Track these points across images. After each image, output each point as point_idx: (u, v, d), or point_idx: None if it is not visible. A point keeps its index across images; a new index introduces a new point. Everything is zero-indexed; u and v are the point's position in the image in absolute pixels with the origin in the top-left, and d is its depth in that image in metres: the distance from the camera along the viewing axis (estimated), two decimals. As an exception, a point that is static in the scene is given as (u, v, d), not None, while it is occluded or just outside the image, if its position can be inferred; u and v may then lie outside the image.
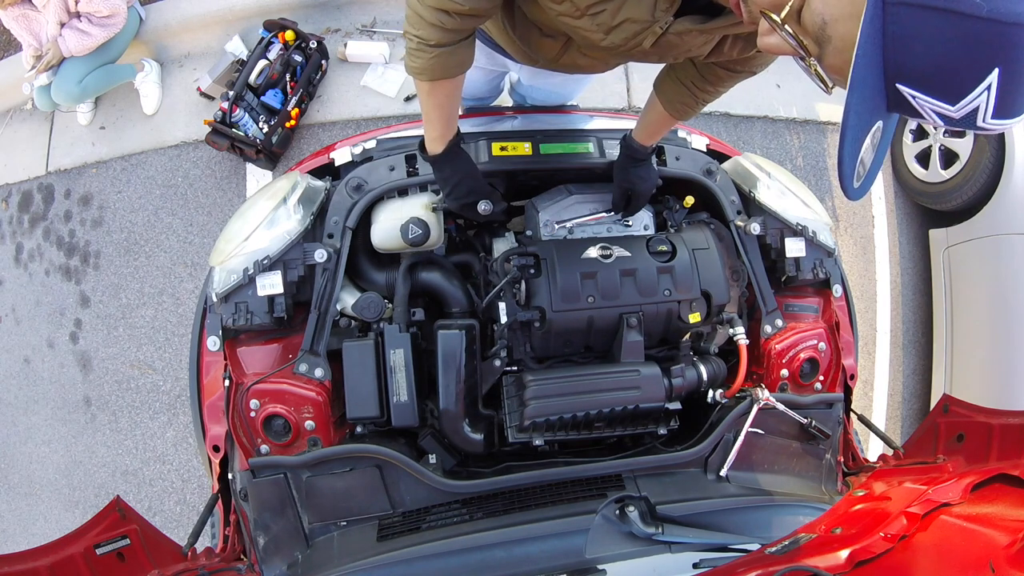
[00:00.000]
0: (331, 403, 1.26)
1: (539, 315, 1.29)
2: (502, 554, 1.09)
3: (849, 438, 1.43)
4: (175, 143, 2.80)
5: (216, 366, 1.29)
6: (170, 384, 2.75)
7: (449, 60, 0.90)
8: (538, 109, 1.65)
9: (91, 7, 2.39)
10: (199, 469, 2.71)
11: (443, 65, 0.91)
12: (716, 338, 1.38)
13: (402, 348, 1.25)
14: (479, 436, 1.32)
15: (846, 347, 1.47)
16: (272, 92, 2.55)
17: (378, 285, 1.37)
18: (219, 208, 2.74)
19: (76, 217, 2.87)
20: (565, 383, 1.25)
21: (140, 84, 2.77)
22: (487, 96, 1.78)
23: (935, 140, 3.01)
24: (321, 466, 1.21)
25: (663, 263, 1.32)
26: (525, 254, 1.30)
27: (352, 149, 1.39)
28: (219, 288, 1.25)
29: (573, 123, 1.50)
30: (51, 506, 2.92)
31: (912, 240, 3.28)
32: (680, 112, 1.16)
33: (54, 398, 2.89)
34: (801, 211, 1.48)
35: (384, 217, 1.32)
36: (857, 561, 0.86)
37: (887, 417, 3.16)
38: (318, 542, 1.22)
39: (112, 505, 1.10)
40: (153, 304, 2.76)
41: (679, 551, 1.08)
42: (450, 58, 0.90)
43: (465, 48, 0.91)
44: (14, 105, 3.06)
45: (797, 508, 1.22)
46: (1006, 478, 0.94)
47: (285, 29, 2.54)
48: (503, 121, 1.47)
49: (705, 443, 1.29)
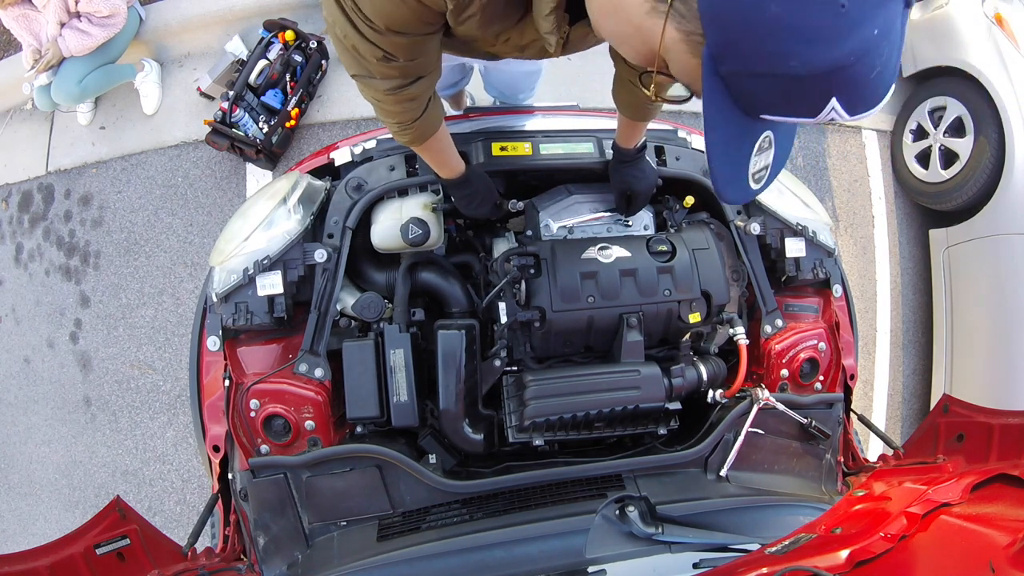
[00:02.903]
0: (331, 403, 1.26)
1: (539, 315, 1.28)
2: (502, 554, 1.09)
3: (849, 438, 1.43)
4: (175, 143, 2.80)
5: (216, 366, 1.29)
6: (170, 384, 2.75)
7: (425, 125, 1.01)
8: (539, 109, 1.65)
9: (91, 7, 2.39)
10: (199, 469, 2.71)
11: (422, 131, 1.02)
12: (716, 338, 1.38)
13: (402, 348, 1.25)
14: (479, 436, 1.32)
15: (846, 347, 1.47)
16: (272, 92, 2.55)
17: (378, 285, 1.37)
18: (219, 208, 2.74)
19: (76, 217, 2.87)
20: (565, 383, 1.25)
21: (140, 84, 2.77)
22: (459, 79, 1.91)
23: (935, 140, 3.01)
24: (321, 466, 1.21)
25: (663, 263, 1.32)
26: (525, 254, 1.30)
27: (352, 149, 1.39)
28: (219, 288, 1.25)
29: (573, 123, 1.50)
30: (51, 506, 2.92)
31: (912, 240, 3.28)
32: (635, 112, 1.17)
33: (54, 398, 2.89)
34: (801, 211, 1.47)
35: (384, 217, 1.32)
36: (857, 561, 0.86)
37: (887, 417, 3.16)
38: (318, 542, 1.22)
39: (112, 505, 1.10)
40: (153, 304, 2.76)
41: (679, 551, 1.08)
42: (425, 123, 1.00)
43: (433, 109, 1.00)
44: (14, 105, 3.06)
45: (797, 508, 1.22)
46: (1006, 478, 0.94)
47: (285, 29, 2.54)
48: (503, 121, 1.47)
49: (705, 443, 1.29)
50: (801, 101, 0.53)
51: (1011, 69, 2.70)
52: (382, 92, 0.89)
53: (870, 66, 0.50)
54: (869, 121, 3.29)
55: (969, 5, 2.86)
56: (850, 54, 0.49)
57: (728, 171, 0.62)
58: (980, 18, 2.81)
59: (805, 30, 0.49)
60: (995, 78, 2.72)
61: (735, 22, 0.51)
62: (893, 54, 0.51)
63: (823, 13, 0.48)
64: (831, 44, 0.49)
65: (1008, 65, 2.71)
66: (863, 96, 0.52)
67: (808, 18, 0.48)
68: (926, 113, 3.06)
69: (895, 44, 0.51)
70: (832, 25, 0.48)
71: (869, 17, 0.48)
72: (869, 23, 0.48)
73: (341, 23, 0.76)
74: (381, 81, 0.86)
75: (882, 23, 0.49)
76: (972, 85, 2.82)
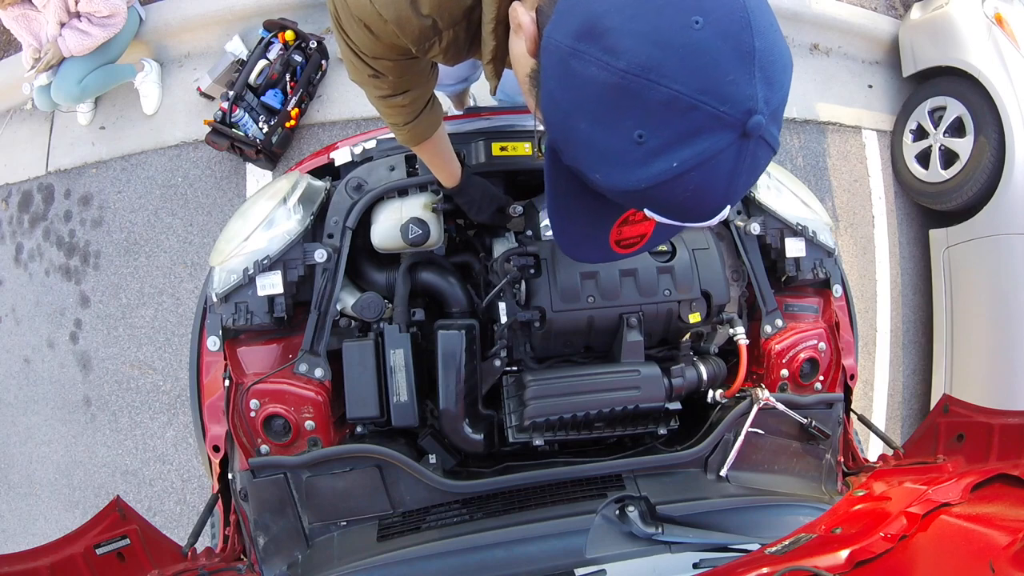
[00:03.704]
0: (331, 403, 1.26)
1: (539, 315, 1.28)
2: (502, 554, 1.09)
3: (849, 438, 1.43)
4: (175, 143, 2.79)
5: (216, 366, 1.29)
6: (170, 384, 2.75)
7: (420, 128, 1.03)
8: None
9: (91, 7, 2.38)
10: (199, 469, 2.71)
11: (417, 133, 1.04)
12: (716, 338, 1.38)
13: (402, 348, 1.25)
14: (479, 436, 1.32)
15: (846, 347, 1.47)
16: (272, 92, 2.55)
17: (378, 285, 1.37)
18: (219, 208, 2.74)
19: (76, 217, 2.87)
20: (565, 383, 1.25)
21: (140, 84, 2.76)
22: (470, 74, 1.91)
23: (935, 140, 3.01)
24: (321, 466, 1.21)
25: (663, 263, 1.32)
26: (525, 254, 1.30)
27: (352, 149, 1.39)
28: (219, 288, 1.25)
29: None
30: (51, 506, 2.92)
31: (912, 240, 3.28)
32: None
33: (54, 398, 2.89)
34: (801, 211, 1.47)
35: (384, 217, 1.32)
36: (857, 561, 0.86)
37: (887, 417, 3.16)
38: (318, 542, 1.22)
39: (112, 505, 1.10)
40: (153, 304, 2.76)
41: (679, 551, 1.08)
42: (419, 127, 1.03)
43: (429, 114, 1.02)
44: (14, 105, 3.06)
45: (797, 508, 1.22)
46: (1006, 478, 0.94)
47: (285, 29, 2.54)
48: (503, 121, 1.47)
49: (705, 443, 1.29)
50: (620, 201, 0.55)
51: (1011, 69, 2.70)
52: (375, 98, 0.95)
53: (673, 194, 0.50)
54: (869, 121, 3.29)
55: (969, 5, 2.86)
56: (644, 182, 0.49)
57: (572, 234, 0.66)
58: (980, 18, 2.81)
59: (605, 152, 0.50)
60: (995, 78, 2.72)
61: (557, 127, 0.54)
62: (714, 184, 0.49)
63: (620, 140, 0.48)
64: (627, 170, 0.50)
65: (1008, 65, 2.71)
66: (678, 215, 0.53)
67: (607, 142, 0.49)
68: (926, 113, 3.06)
69: (719, 176, 0.49)
70: (628, 153, 0.49)
71: (670, 151, 0.47)
72: (669, 156, 0.47)
73: (339, 39, 0.82)
74: (373, 89, 0.91)
75: (689, 158, 0.47)
76: (972, 85, 2.82)
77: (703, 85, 0.45)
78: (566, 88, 0.50)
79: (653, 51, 0.45)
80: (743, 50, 0.46)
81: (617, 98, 0.47)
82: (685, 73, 0.45)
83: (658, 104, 0.46)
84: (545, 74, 0.53)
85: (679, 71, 0.45)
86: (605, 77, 0.47)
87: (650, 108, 0.46)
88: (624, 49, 0.46)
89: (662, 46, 0.45)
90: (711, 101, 0.45)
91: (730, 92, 0.45)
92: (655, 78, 0.45)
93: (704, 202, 0.52)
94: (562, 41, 0.50)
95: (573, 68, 0.49)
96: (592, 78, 0.48)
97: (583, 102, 0.49)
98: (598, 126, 0.49)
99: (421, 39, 0.74)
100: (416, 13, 0.70)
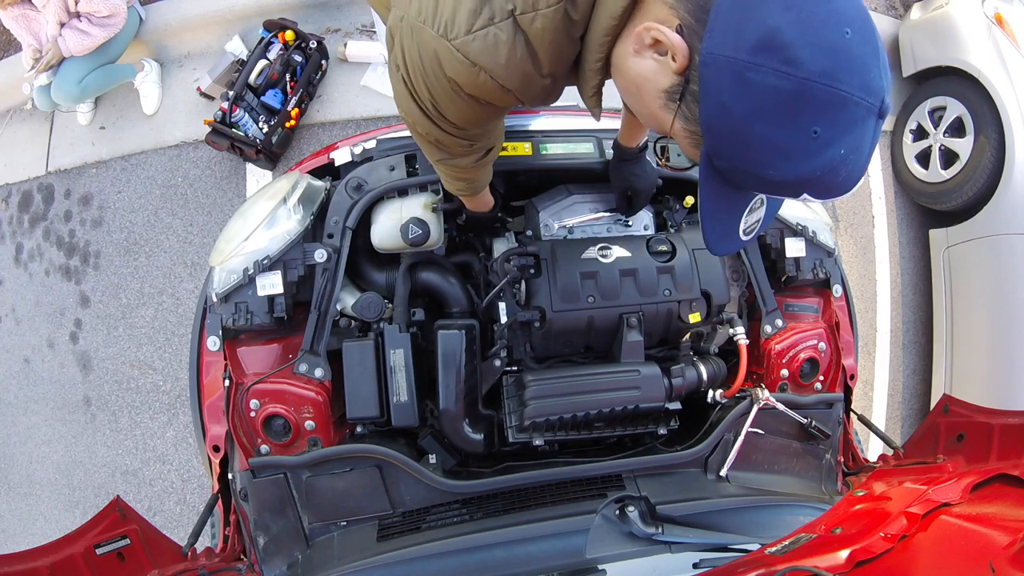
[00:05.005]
0: (331, 403, 1.26)
1: (539, 315, 1.28)
2: (502, 554, 1.09)
3: (849, 438, 1.43)
4: (175, 143, 2.79)
5: (216, 366, 1.29)
6: (170, 384, 2.75)
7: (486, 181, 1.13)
8: (539, 109, 1.65)
9: (91, 7, 2.38)
10: (199, 469, 2.71)
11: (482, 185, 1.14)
12: (716, 338, 1.38)
13: (402, 348, 1.25)
14: (479, 436, 1.32)
15: (846, 347, 1.47)
16: (272, 92, 2.54)
17: (378, 285, 1.37)
18: (219, 208, 2.74)
19: (76, 217, 2.87)
20: (565, 383, 1.25)
21: (140, 84, 2.76)
22: None
23: (935, 140, 3.01)
24: (321, 466, 1.21)
25: (663, 263, 1.32)
26: (525, 254, 1.29)
27: (352, 149, 1.39)
28: (219, 288, 1.25)
29: (573, 123, 1.50)
30: (51, 506, 2.92)
31: (912, 240, 3.28)
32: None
33: (54, 398, 2.89)
34: (801, 211, 1.47)
35: (384, 217, 1.32)
36: (857, 561, 0.86)
37: (887, 417, 3.16)
38: (318, 542, 1.22)
39: (112, 505, 1.10)
40: (153, 304, 2.76)
41: (679, 551, 1.08)
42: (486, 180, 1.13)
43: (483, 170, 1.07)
44: (14, 105, 3.06)
45: (797, 508, 1.22)
46: (1006, 478, 0.94)
47: (285, 29, 2.54)
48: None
49: (705, 443, 1.29)
50: (780, 192, 0.64)
51: (1011, 69, 2.70)
52: (465, 167, 0.99)
53: (836, 175, 0.60)
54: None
55: (969, 5, 2.86)
56: (817, 169, 0.59)
57: (719, 231, 0.74)
58: (980, 18, 2.81)
59: (782, 149, 0.59)
60: (995, 78, 2.72)
61: (727, 133, 0.61)
62: (860, 161, 0.60)
63: (798, 137, 0.57)
64: (802, 161, 0.59)
65: (1008, 65, 2.70)
66: (831, 192, 0.63)
67: (786, 140, 0.58)
68: (926, 113, 3.06)
69: (864, 153, 0.60)
70: (805, 147, 0.58)
71: (838, 140, 0.57)
72: (837, 145, 0.57)
73: (423, 123, 0.84)
74: (463, 159, 0.96)
75: (850, 143, 0.58)
76: (972, 85, 2.82)
77: (861, 83, 0.55)
78: (742, 98, 0.57)
79: (827, 60, 0.54)
80: (875, 50, 0.56)
81: (795, 101, 0.55)
82: (849, 75, 0.55)
83: (829, 103, 0.55)
84: (711, 87, 0.59)
85: (846, 74, 0.55)
86: (785, 84, 0.55)
87: (823, 107, 0.55)
88: (804, 59, 0.54)
89: (832, 55, 0.54)
90: (866, 96, 0.56)
91: (875, 86, 0.56)
92: (829, 82, 0.54)
93: (853, 177, 0.61)
94: (734, 56, 0.56)
95: (749, 79, 0.56)
96: (771, 86, 0.55)
97: (760, 108, 0.57)
98: (776, 127, 0.57)
99: (541, 95, 0.80)
100: (539, 74, 0.75)
